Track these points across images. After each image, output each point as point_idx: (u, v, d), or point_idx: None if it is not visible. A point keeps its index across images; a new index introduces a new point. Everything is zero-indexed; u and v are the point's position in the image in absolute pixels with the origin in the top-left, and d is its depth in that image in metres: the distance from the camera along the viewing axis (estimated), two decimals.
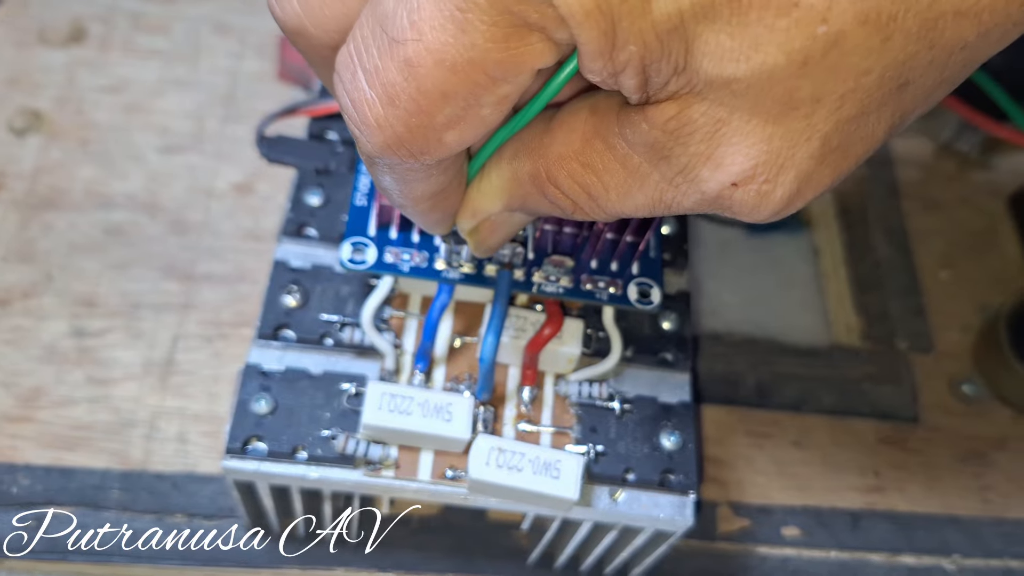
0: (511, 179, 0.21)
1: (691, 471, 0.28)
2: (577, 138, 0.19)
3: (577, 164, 0.19)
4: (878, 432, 0.40)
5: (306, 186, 0.31)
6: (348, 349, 0.29)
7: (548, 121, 0.20)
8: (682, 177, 0.18)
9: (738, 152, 0.17)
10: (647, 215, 0.20)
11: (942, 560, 0.37)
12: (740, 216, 0.18)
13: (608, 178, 0.19)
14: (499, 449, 0.26)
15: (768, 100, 0.16)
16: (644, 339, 0.31)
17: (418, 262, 0.27)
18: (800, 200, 0.18)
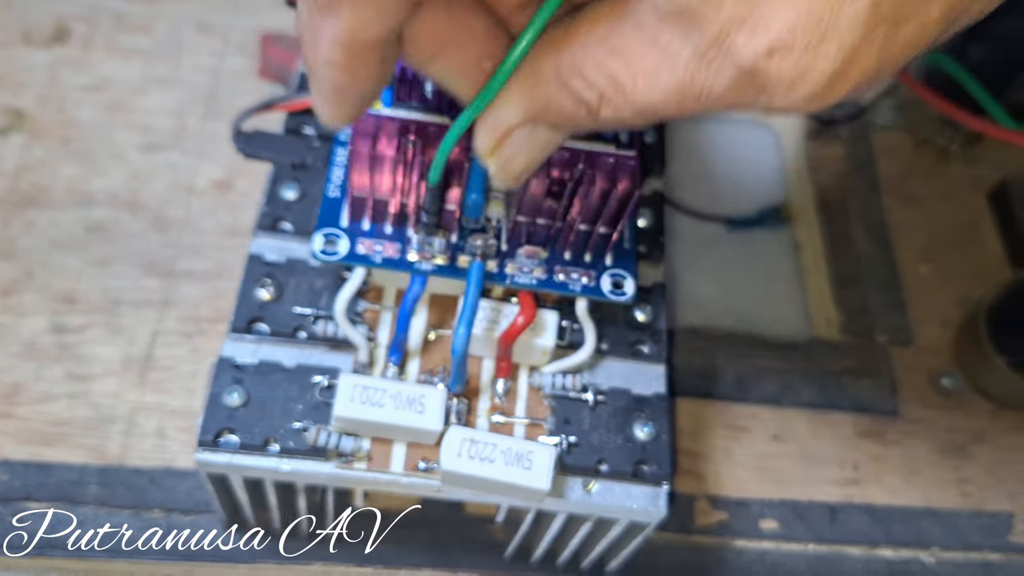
0: (532, 77, 0.20)
1: (664, 462, 0.28)
2: (602, 25, 0.18)
3: (603, 50, 0.18)
4: (857, 425, 0.40)
5: (281, 180, 0.32)
6: (322, 342, 0.29)
7: (570, 17, 0.19)
8: (716, 49, 0.17)
9: (776, 11, 0.16)
10: (674, 111, 0.18)
11: (920, 553, 0.37)
12: (776, 101, 0.17)
13: (636, 62, 0.18)
14: (471, 440, 0.26)
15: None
16: (619, 331, 0.31)
17: (391, 254, 0.28)
18: (843, 84, 0.17)
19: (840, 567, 0.37)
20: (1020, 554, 0.38)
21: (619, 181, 0.26)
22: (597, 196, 0.26)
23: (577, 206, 0.27)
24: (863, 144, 0.49)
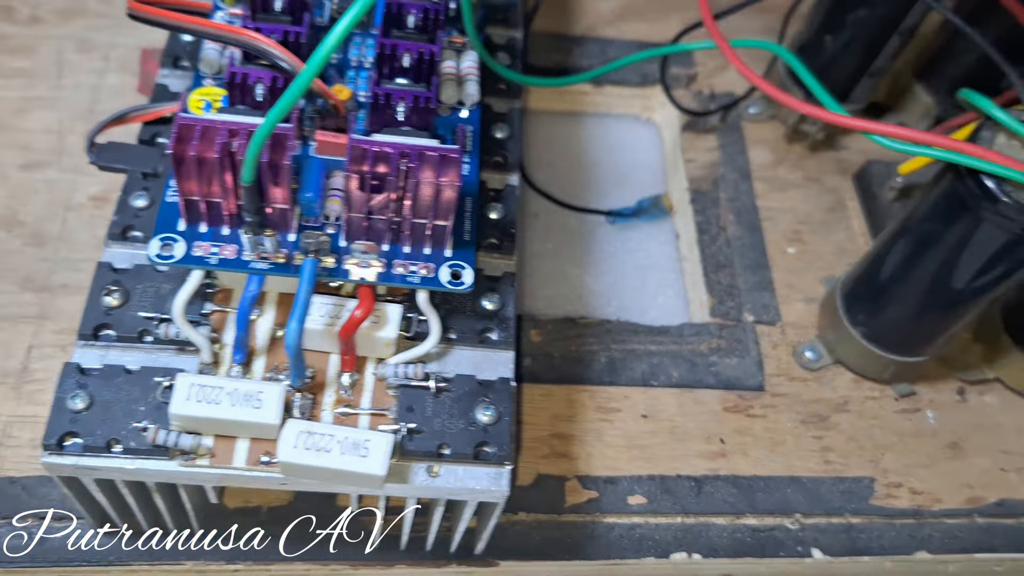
0: None
1: (505, 443, 0.30)
2: None
3: None
4: (724, 401, 0.42)
5: (132, 190, 0.32)
6: (169, 346, 0.30)
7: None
8: None
9: None
10: None
11: (784, 519, 0.39)
12: None
13: None
14: (308, 432, 0.27)
15: None
16: (468, 320, 0.32)
17: (227, 254, 0.28)
18: None
19: (707, 536, 0.38)
20: (881, 517, 0.40)
21: (444, 175, 0.27)
22: (425, 189, 0.28)
23: (408, 199, 0.28)
24: (735, 134, 0.51)
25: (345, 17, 0.21)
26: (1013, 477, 0.42)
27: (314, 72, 0.22)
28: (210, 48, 0.32)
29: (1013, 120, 0.32)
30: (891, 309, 0.39)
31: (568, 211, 0.50)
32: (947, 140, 0.32)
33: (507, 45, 0.39)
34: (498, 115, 0.37)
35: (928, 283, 0.37)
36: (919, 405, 0.43)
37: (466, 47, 0.35)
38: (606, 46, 0.53)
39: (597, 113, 0.54)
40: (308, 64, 0.22)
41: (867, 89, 0.48)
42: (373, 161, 0.27)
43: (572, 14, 0.55)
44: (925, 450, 0.42)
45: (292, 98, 0.23)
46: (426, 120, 0.30)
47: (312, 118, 0.31)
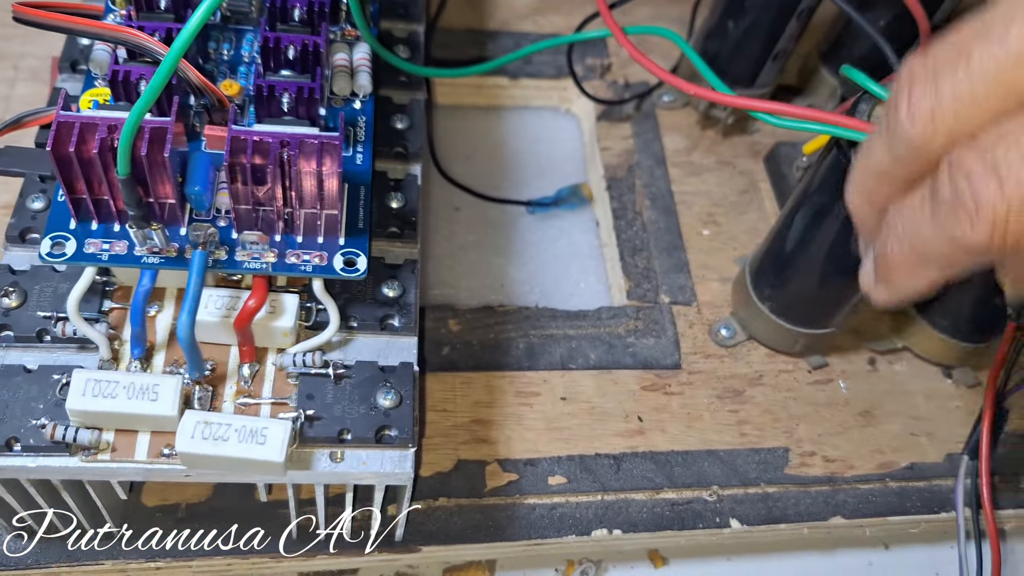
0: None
1: (407, 426, 0.30)
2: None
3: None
4: (642, 380, 0.42)
5: (29, 192, 0.32)
6: (69, 344, 0.30)
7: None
8: None
9: None
10: None
11: (702, 492, 0.40)
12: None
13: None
14: (205, 422, 0.28)
15: None
16: (368, 308, 0.33)
17: (118, 251, 0.29)
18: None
19: (627, 512, 0.39)
20: (795, 484, 0.41)
21: (324, 162, 0.28)
22: (307, 179, 0.28)
23: (293, 191, 0.28)
24: (649, 122, 0.52)
25: (201, 7, 0.22)
26: (923, 441, 0.43)
27: (176, 56, 0.23)
28: (99, 49, 0.32)
29: (886, 92, 0.33)
30: (793, 283, 0.40)
31: (490, 203, 0.50)
32: (824, 114, 0.33)
33: (407, 39, 0.40)
34: (398, 106, 0.38)
35: (824, 255, 0.38)
36: (831, 376, 0.44)
37: (359, 39, 0.35)
38: (521, 40, 0.54)
39: (516, 107, 0.55)
40: (170, 50, 0.23)
41: (773, 73, 0.49)
42: (252, 152, 0.27)
43: (487, 9, 0.56)
44: (838, 419, 0.43)
45: (157, 85, 0.23)
46: (311, 110, 0.30)
47: (200, 113, 0.31)
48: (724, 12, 0.48)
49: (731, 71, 0.49)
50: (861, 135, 0.32)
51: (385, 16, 0.40)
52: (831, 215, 0.36)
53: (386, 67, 0.38)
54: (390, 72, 0.38)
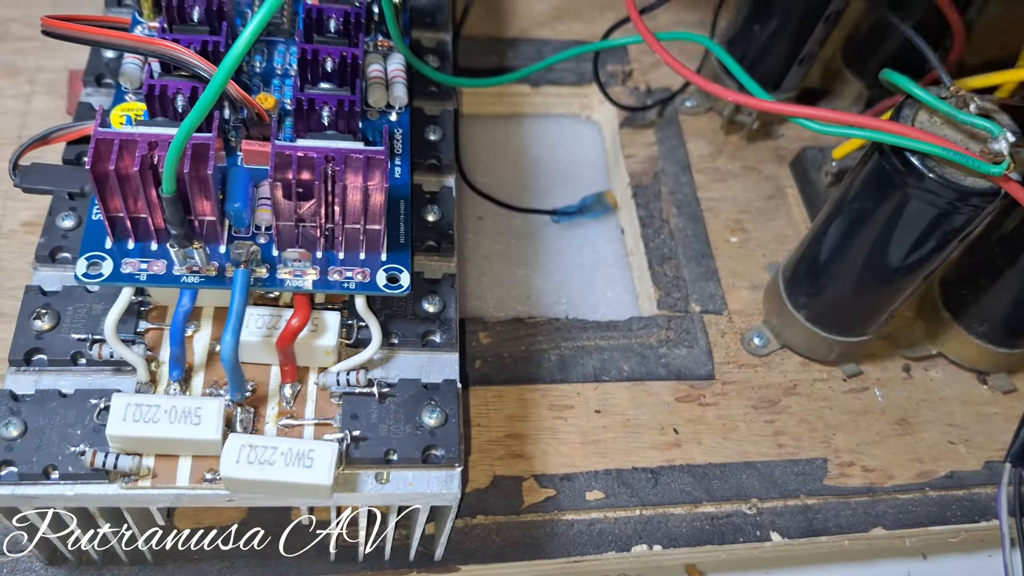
0: None
1: (453, 445, 0.29)
2: None
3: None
4: (675, 392, 0.42)
5: (59, 211, 0.32)
6: (104, 367, 0.29)
7: None
8: None
9: None
10: None
11: (741, 505, 0.39)
12: None
13: None
14: (250, 446, 0.27)
15: None
16: (409, 324, 0.32)
17: (156, 270, 0.28)
18: None
19: (666, 527, 0.38)
20: (835, 496, 0.40)
21: (370, 178, 0.27)
22: (353, 193, 0.27)
23: (337, 205, 0.28)
24: (672, 128, 0.51)
25: (254, 19, 0.21)
26: (961, 449, 0.43)
27: (226, 75, 0.22)
28: (130, 63, 0.31)
29: (931, 97, 0.32)
30: (830, 290, 0.40)
31: (513, 213, 0.50)
32: (869, 120, 0.32)
33: (436, 48, 0.39)
34: (430, 118, 0.37)
35: (863, 262, 0.37)
36: (866, 384, 0.44)
37: (392, 50, 0.35)
38: (541, 47, 0.53)
39: (536, 114, 0.54)
40: (220, 68, 0.22)
41: (798, 76, 0.49)
42: (297, 168, 0.27)
43: (506, 17, 0.55)
44: (875, 428, 0.42)
45: (207, 104, 0.23)
46: (351, 123, 0.30)
47: (237, 128, 0.30)
48: (749, 16, 0.47)
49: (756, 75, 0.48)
50: (906, 140, 0.32)
51: (413, 25, 0.40)
52: (871, 222, 0.36)
53: (417, 78, 0.38)
54: (421, 83, 0.38)
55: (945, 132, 0.33)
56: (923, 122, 0.33)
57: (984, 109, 0.33)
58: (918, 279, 0.38)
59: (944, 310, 0.44)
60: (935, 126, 0.33)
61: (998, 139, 0.31)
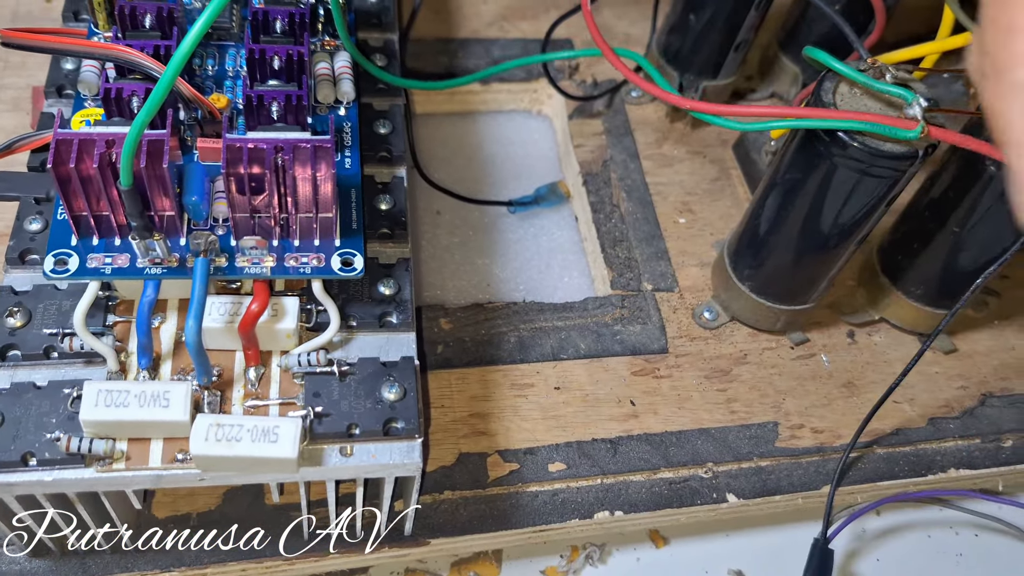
0: None
1: (413, 417, 0.31)
2: None
3: None
4: (631, 366, 0.44)
5: (26, 215, 0.33)
6: (76, 359, 0.31)
7: None
8: None
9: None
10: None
11: (697, 469, 0.41)
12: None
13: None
14: (218, 424, 0.28)
15: None
16: (367, 307, 0.34)
17: (121, 264, 0.29)
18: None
19: (626, 493, 0.40)
20: (787, 456, 0.42)
21: (319, 167, 0.29)
22: (302, 183, 0.29)
23: (289, 195, 0.29)
24: (620, 117, 0.53)
25: (201, 17, 0.23)
26: (906, 407, 0.45)
27: (175, 70, 0.24)
28: (87, 70, 0.33)
29: (850, 69, 0.34)
30: (771, 261, 0.42)
31: (471, 205, 0.52)
32: (784, 110, 0.34)
33: (383, 48, 0.41)
34: (379, 112, 0.39)
35: (799, 232, 0.39)
36: (813, 351, 0.46)
37: (339, 48, 0.36)
38: (490, 47, 0.55)
39: (489, 111, 0.56)
40: (169, 64, 0.23)
41: (735, 63, 0.51)
42: (248, 160, 0.28)
43: (454, 18, 0.57)
44: (823, 391, 0.44)
45: (158, 98, 0.24)
46: (300, 117, 0.31)
47: (192, 127, 0.32)
48: (685, 7, 0.49)
49: (695, 64, 0.51)
50: (826, 122, 0.34)
51: (360, 27, 0.41)
52: (803, 192, 0.38)
53: (365, 75, 0.39)
54: (369, 80, 0.39)
55: (865, 102, 0.35)
56: (843, 94, 0.36)
57: (899, 78, 0.35)
58: (852, 245, 0.40)
59: (883, 276, 0.46)
60: (855, 97, 0.36)
61: (912, 105, 0.33)
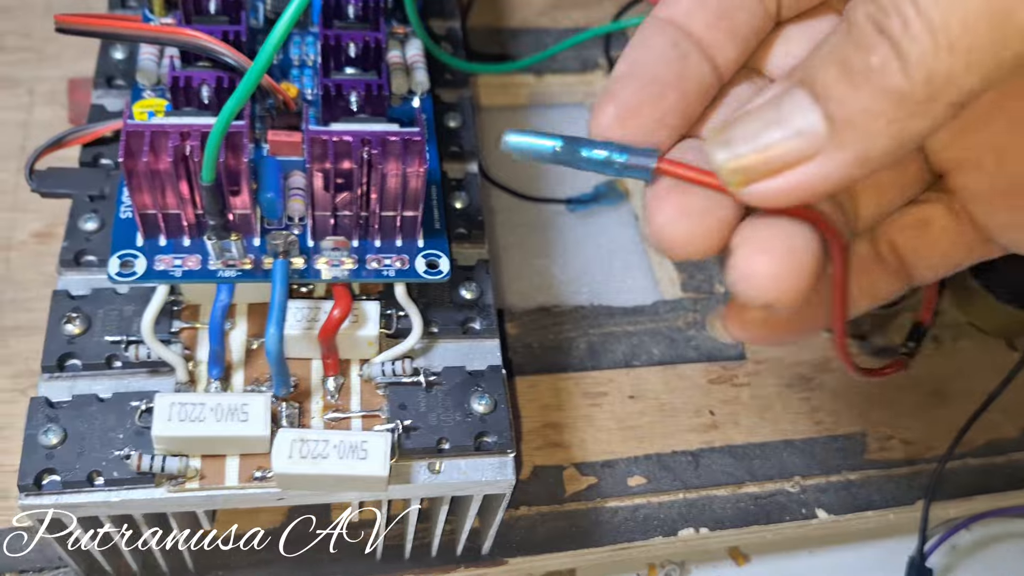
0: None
1: (505, 431, 0.29)
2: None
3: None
4: (708, 373, 0.41)
5: (80, 214, 0.31)
6: (140, 368, 0.28)
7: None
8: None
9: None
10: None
11: (784, 484, 0.39)
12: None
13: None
14: (302, 440, 0.26)
15: None
16: (448, 312, 0.31)
17: (191, 266, 0.27)
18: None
19: (711, 509, 0.38)
20: (877, 469, 0.40)
21: (409, 162, 0.26)
22: (391, 179, 0.27)
23: (374, 192, 0.27)
24: None
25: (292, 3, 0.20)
26: (996, 416, 0.42)
27: (267, 61, 0.21)
28: (145, 58, 0.31)
29: None
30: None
31: (528, 204, 0.49)
32: None
33: (448, 35, 0.38)
34: (448, 105, 0.36)
35: None
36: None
37: (409, 36, 0.34)
38: (543, 36, 0.53)
39: (543, 104, 0.54)
40: (260, 54, 0.21)
41: None
42: (335, 155, 0.26)
43: (507, 6, 0.54)
44: (910, 400, 0.42)
45: (247, 90, 0.22)
46: (380, 108, 0.29)
47: (262, 118, 0.29)
48: None
49: None
50: None
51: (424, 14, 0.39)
52: None
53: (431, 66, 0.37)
54: (435, 71, 0.37)
55: None
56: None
57: None
58: None
59: (972, 279, 0.43)
60: None
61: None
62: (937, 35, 0.15)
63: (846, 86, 0.16)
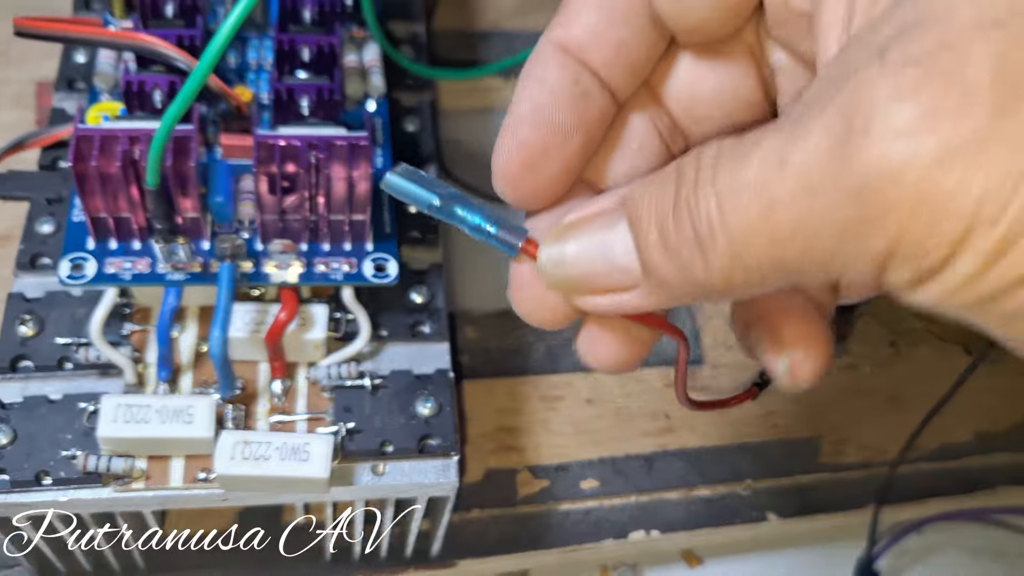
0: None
1: (449, 433, 0.29)
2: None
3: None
4: (665, 378, 0.42)
5: (37, 216, 0.31)
6: (90, 371, 0.29)
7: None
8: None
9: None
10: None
11: (736, 487, 0.39)
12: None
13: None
14: (244, 442, 0.26)
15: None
16: (398, 315, 0.32)
17: (141, 269, 0.27)
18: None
19: (662, 512, 0.38)
20: (829, 472, 0.40)
21: (356, 165, 0.27)
22: (338, 183, 0.27)
23: (321, 196, 0.27)
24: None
25: (237, 7, 0.21)
26: (949, 420, 0.43)
27: (209, 64, 0.22)
28: (104, 62, 0.31)
29: None
30: None
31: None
32: None
33: (410, 39, 0.39)
34: (407, 109, 0.37)
35: None
36: (856, 362, 0.44)
37: (367, 40, 0.34)
38: (512, 39, 0.53)
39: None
40: (203, 58, 0.22)
41: None
42: (281, 159, 0.26)
43: (475, 9, 0.55)
44: (866, 405, 0.43)
45: (190, 93, 0.22)
46: (332, 112, 0.29)
47: (215, 122, 0.30)
48: None
49: None
50: None
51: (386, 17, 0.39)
52: None
53: (392, 70, 0.37)
54: (396, 75, 0.37)
55: None
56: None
57: None
58: None
59: None
60: None
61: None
62: (735, 259, 0.16)
63: (660, 255, 0.17)
